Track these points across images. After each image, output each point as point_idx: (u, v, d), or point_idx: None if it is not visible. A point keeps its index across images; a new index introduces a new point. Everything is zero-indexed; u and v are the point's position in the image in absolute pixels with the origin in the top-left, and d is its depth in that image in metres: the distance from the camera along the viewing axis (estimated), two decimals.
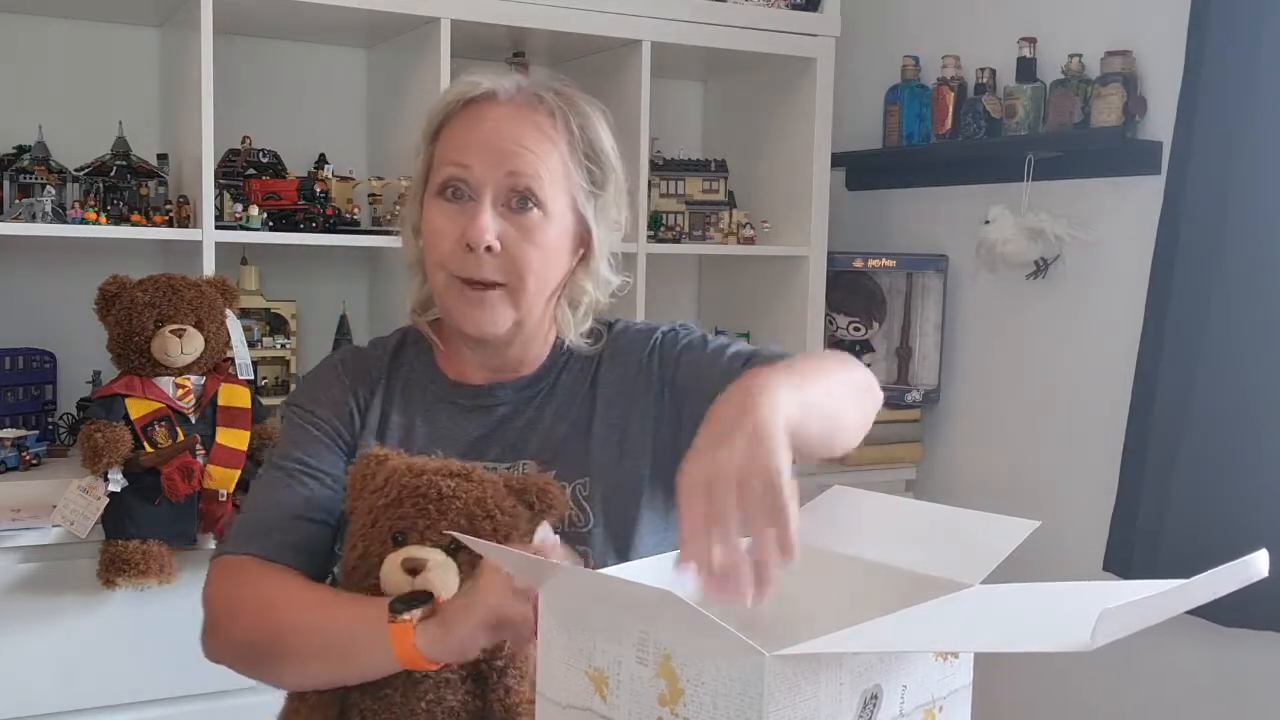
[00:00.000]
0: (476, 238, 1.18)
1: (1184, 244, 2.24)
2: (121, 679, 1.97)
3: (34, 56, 2.40)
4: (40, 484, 2.03)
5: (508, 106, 1.22)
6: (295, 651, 1.08)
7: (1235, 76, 2.16)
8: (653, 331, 1.32)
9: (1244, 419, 2.16)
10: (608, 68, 2.62)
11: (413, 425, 1.26)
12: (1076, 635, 0.66)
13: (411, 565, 1.03)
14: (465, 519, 1.05)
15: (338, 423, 1.25)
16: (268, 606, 1.12)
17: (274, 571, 1.15)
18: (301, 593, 1.13)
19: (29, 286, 2.38)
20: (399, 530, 1.06)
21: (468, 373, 1.29)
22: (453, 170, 1.20)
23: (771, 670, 0.69)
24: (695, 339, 1.30)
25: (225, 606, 1.15)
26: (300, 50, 2.61)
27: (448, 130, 1.24)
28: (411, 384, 1.29)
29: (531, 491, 1.10)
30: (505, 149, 1.19)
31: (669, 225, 2.76)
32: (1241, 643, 2.21)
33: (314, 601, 1.11)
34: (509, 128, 1.21)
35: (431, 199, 1.23)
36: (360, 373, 1.29)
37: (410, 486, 1.06)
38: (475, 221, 1.18)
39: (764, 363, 1.16)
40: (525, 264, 1.20)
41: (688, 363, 1.27)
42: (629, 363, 1.29)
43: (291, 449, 1.24)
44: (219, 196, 2.26)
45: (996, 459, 2.75)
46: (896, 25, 2.96)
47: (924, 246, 2.88)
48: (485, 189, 1.19)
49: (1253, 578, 0.77)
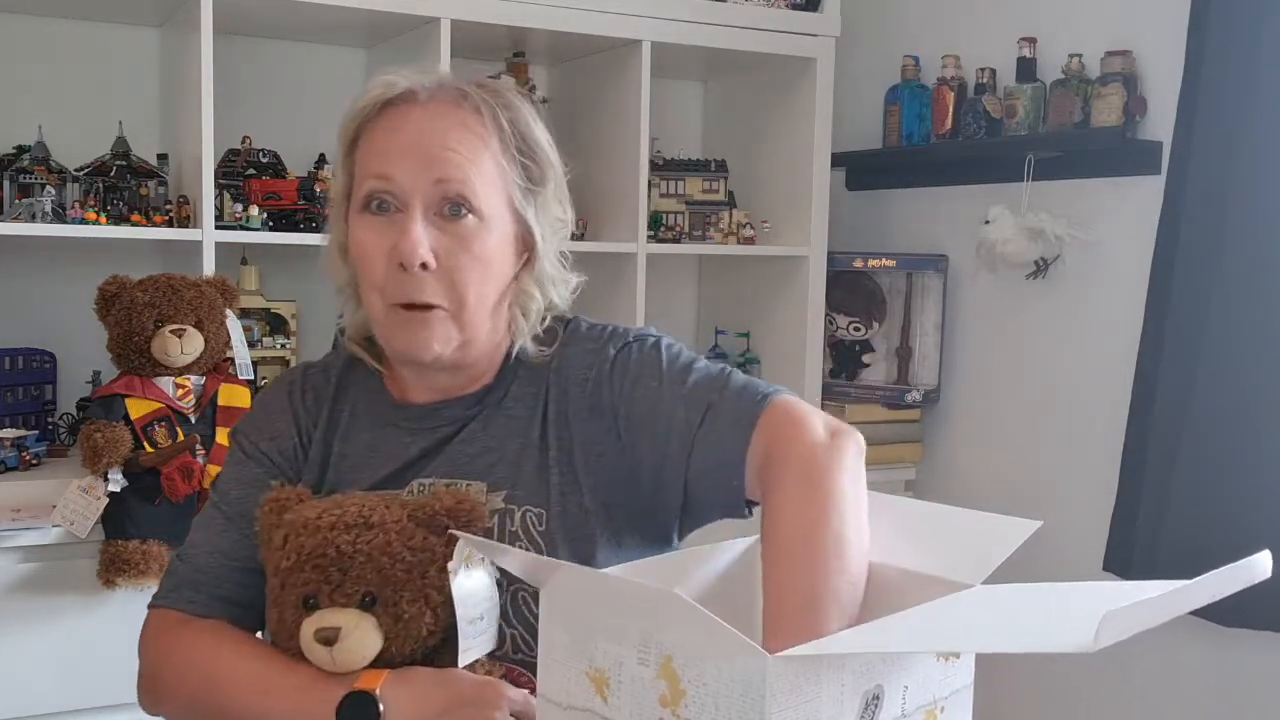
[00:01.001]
0: (410, 255, 1.08)
1: (1184, 244, 2.24)
2: (121, 679, 1.94)
3: (34, 56, 2.39)
4: (40, 484, 2.03)
5: (429, 106, 1.12)
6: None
7: (1235, 76, 2.16)
8: (603, 347, 1.19)
9: (1244, 419, 2.16)
10: (608, 68, 2.62)
11: (359, 451, 1.19)
12: (1079, 636, 0.66)
13: (325, 636, 0.99)
14: (373, 571, 1.00)
15: (279, 458, 1.19)
16: (215, 687, 1.07)
17: (207, 632, 1.11)
18: (250, 674, 1.06)
19: (29, 286, 2.38)
20: (306, 595, 1.01)
21: (413, 392, 1.20)
22: (375, 183, 1.10)
23: (773, 671, 0.69)
24: (649, 366, 1.15)
25: (159, 670, 1.13)
26: (300, 50, 2.61)
27: (366, 138, 1.14)
28: (358, 408, 1.22)
29: (439, 518, 1.03)
30: (431, 153, 1.09)
31: (669, 225, 2.76)
32: (1242, 643, 2.21)
33: (254, 686, 1.05)
34: (433, 129, 1.11)
35: (356, 215, 1.13)
36: (307, 400, 1.22)
37: (308, 548, 1.01)
38: (406, 236, 1.08)
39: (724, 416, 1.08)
40: (465, 279, 1.10)
41: (641, 398, 1.14)
42: (571, 380, 1.18)
43: (231, 486, 1.19)
44: (219, 196, 2.26)
45: (996, 459, 2.75)
46: (896, 25, 2.96)
47: (924, 246, 2.88)
48: (413, 199, 1.09)
49: (1255, 579, 0.77)
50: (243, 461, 1.21)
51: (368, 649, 1.00)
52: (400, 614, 1.00)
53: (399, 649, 1.02)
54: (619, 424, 1.14)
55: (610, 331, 1.21)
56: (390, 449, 1.18)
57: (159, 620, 1.16)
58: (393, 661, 1.02)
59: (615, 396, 1.15)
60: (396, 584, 1.00)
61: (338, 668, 1.00)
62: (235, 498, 1.18)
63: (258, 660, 1.08)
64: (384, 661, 1.02)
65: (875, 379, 2.96)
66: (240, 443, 1.22)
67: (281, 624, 1.04)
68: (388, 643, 1.01)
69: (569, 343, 1.21)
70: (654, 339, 1.20)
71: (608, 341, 1.19)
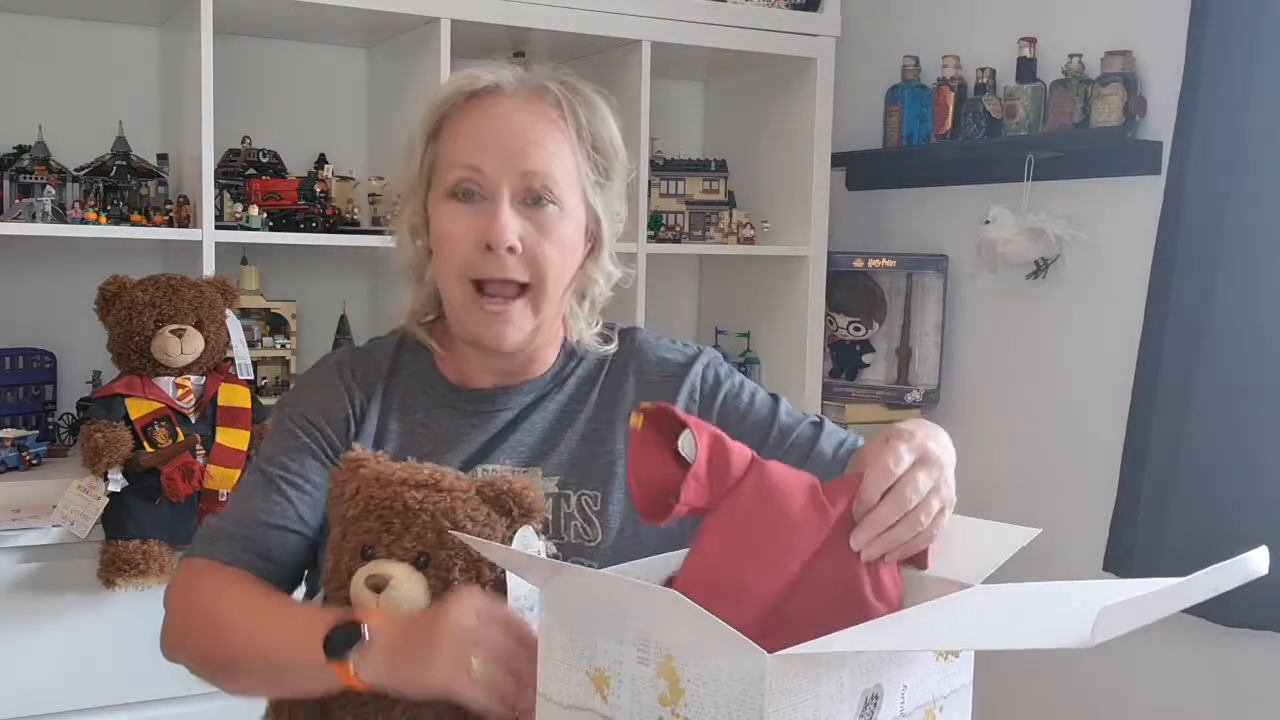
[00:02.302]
0: (498, 238, 1.14)
1: (1184, 244, 2.24)
2: (121, 679, 1.96)
3: (34, 56, 2.40)
4: (40, 484, 2.03)
5: (514, 99, 1.18)
6: (242, 673, 1.08)
7: (1235, 76, 2.16)
8: (689, 362, 1.28)
9: (1244, 419, 2.16)
10: (608, 68, 2.62)
11: (414, 431, 1.22)
12: (1077, 632, 0.66)
13: (375, 583, 1.00)
14: (433, 532, 1.02)
15: (329, 430, 1.21)
16: (217, 627, 1.09)
17: (232, 581, 1.13)
18: (251, 611, 1.09)
19: (29, 286, 2.38)
20: (366, 544, 1.03)
21: (471, 376, 1.25)
22: (464, 172, 1.16)
23: (773, 670, 0.69)
24: (734, 386, 1.28)
25: (180, 619, 1.14)
26: (300, 50, 2.61)
27: (451, 127, 1.19)
28: (412, 389, 1.25)
29: (507, 498, 1.05)
30: (517, 146, 1.16)
31: (669, 225, 2.76)
32: (1241, 643, 2.21)
33: (261, 624, 1.07)
34: (519, 122, 1.17)
35: (441, 201, 1.18)
36: (359, 378, 1.24)
37: (376, 499, 1.03)
38: (496, 221, 1.14)
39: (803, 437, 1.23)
40: (546, 262, 1.17)
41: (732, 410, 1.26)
42: (653, 383, 1.26)
43: (276, 453, 1.20)
44: (219, 196, 2.26)
45: (996, 459, 2.75)
46: (896, 25, 2.96)
47: (924, 246, 2.88)
48: (501, 188, 1.15)
49: (1252, 575, 0.77)
50: (289, 431, 1.22)
51: (413, 603, 1.01)
52: (450, 580, 1.01)
53: None
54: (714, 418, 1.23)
55: (687, 351, 1.31)
56: (449, 431, 1.22)
57: (185, 569, 1.17)
58: None
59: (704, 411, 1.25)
60: (452, 550, 1.01)
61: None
62: (280, 463, 1.19)
63: (260, 602, 1.10)
64: None
65: (875, 379, 2.96)
66: (288, 414, 1.23)
67: (335, 571, 1.06)
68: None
69: (641, 349, 1.29)
70: (724, 364, 1.32)
71: (691, 359, 1.29)
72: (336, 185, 2.42)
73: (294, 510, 1.16)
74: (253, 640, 1.06)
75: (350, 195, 2.43)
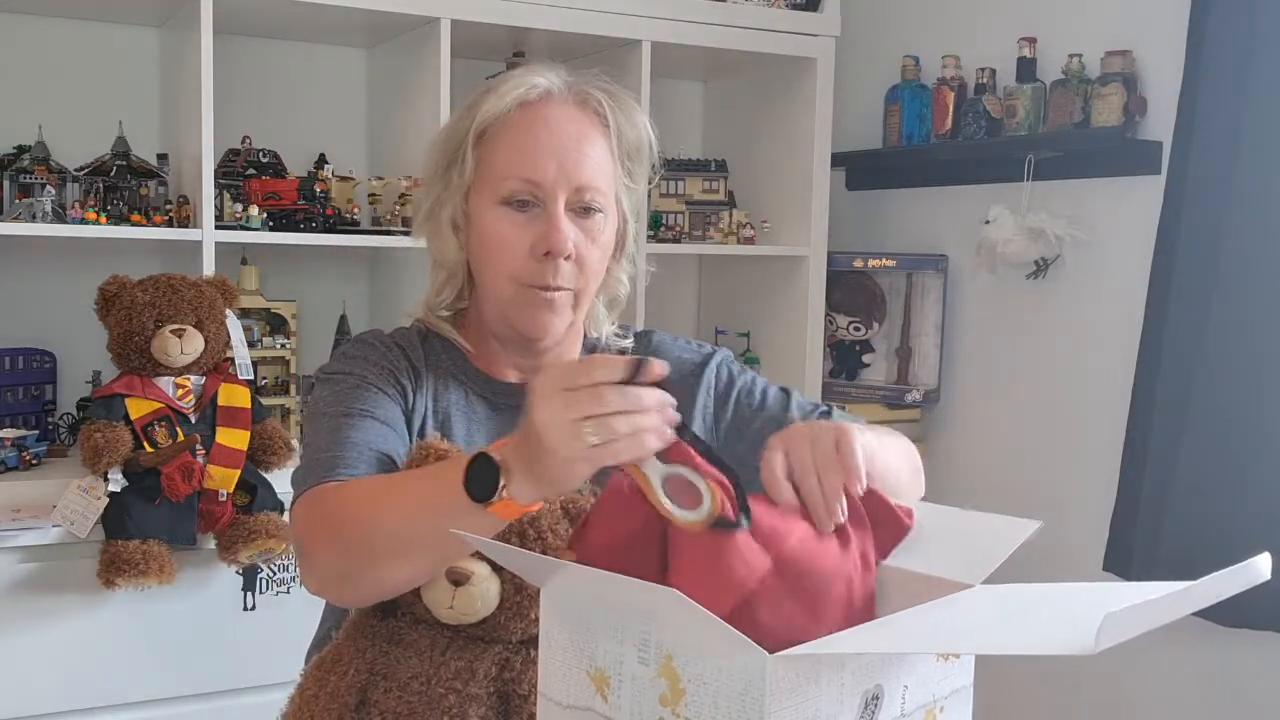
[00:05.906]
0: (560, 247, 1.18)
1: (1184, 244, 2.24)
2: (121, 679, 1.96)
3: (34, 56, 2.40)
4: (40, 484, 2.03)
5: (564, 107, 1.22)
6: (385, 551, 1.00)
7: (1235, 76, 2.16)
8: (705, 361, 1.33)
9: (1244, 419, 2.16)
10: (608, 68, 2.61)
11: (449, 418, 1.24)
12: (1080, 638, 0.66)
13: (455, 577, 1.02)
14: (516, 536, 1.02)
15: (393, 388, 1.20)
16: (350, 514, 1.04)
17: (350, 482, 1.09)
18: (363, 487, 1.06)
19: (29, 286, 2.38)
20: None
21: (498, 371, 1.28)
22: (519, 184, 1.19)
23: (773, 671, 0.69)
24: (746, 383, 1.32)
25: (312, 531, 1.08)
26: (300, 50, 2.61)
27: (504, 133, 1.21)
28: (444, 376, 1.26)
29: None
30: (572, 159, 1.19)
31: (669, 225, 2.76)
32: (1242, 643, 2.21)
33: (382, 494, 1.04)
34: (571, 133, 1.20)
35: (493, 207, 1.20)
36: (406, 355, 1.25)
37: None
38: (557, 231, 1.18)
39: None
40: (591, 267, 1.22)
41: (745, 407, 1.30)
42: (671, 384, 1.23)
43: (348, 402, 1.17)
44: (219, 196, 2.26)
45: (996, 459, 2.75)
46: (896, 25, 2.96)
47: (924, 246, 2.88)
48: (557, 199, 1.19)
49: (1255, 581, 0.77)
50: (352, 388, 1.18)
51: (487, 603, 1.03)
52: (523, 587, 1.03)
53: (507, 620, 1.05)
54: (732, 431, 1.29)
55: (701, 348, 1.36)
56: (484, 422, 1.25)
57: (306, 501, 1.11)
58: (496, 631, 1.05)
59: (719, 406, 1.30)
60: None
61: (454, 612, 1.04)
62: (356, 407, 1.16)
63: (386, 480, 1.09)
64: (491, 625, 1.05)
65: (875, 379, 2.96)
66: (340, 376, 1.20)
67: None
68: (499, 611, 1.04)
69: (659, 349, 1.34)
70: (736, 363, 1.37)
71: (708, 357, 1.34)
72: (336, 185, 2.42)
73: (389, 440, 1.14)
74: (392, 506, 1.01)
75: (350, 195, 2.43)
